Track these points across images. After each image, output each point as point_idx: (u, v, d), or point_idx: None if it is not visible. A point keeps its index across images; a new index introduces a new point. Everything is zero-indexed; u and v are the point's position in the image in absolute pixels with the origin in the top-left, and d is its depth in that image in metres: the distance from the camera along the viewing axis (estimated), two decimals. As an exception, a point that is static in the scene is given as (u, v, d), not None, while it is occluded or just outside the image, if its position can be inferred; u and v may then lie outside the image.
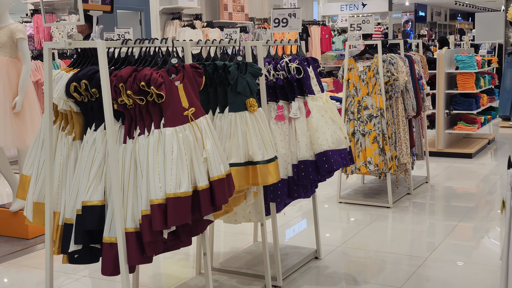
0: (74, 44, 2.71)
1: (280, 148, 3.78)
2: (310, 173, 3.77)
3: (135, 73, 2.72)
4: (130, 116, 2.79)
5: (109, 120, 2.68)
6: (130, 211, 2.72)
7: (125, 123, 2.80)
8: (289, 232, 5.11)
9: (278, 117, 3.82)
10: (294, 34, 13.74)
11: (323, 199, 6.17)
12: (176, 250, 3.04)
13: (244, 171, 3.28)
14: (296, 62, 3.80)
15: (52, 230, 2.90)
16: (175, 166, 2.69)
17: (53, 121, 2.96)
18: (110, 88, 2.67)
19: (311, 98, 3.86)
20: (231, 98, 3.27)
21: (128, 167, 2.74)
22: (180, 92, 2.84)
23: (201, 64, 3.25)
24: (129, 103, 2.72)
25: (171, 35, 10.42)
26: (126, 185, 2.74)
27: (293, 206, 5.81)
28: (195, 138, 2.83)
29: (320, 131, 3.79)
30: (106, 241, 2.74)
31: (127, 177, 2.74)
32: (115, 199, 2.69)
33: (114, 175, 2.69)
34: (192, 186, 2.80)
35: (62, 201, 2.88)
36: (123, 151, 2.76)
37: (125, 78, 2.69)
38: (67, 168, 2.90)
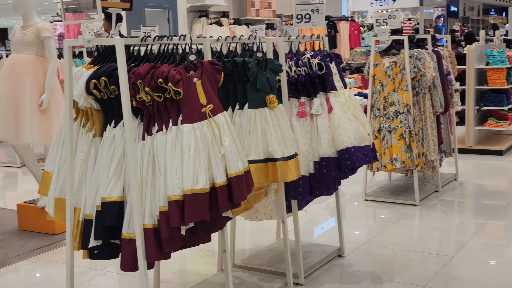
0: (93, 41, 2.72)
1: (301, 145, 3.75)
2: (332, 170, 3.74)
3: (153, 70, 2.72)
4: (148, 113, 2.79)
5: (127, 117, 2.69)
6: (148, 208, 2.73)
7: (143, 120, 2.81)
8: (314, 230, 5.08)
9: (299, 114, 3.80)
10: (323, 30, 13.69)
11: (349, 196, 6.12)
12: (201, 246, 3.04)
13: (263, 168, 3.27)
14: (318, 58, 3.77)
15: (73, 226, 2.92)
16: (192, 162, 2.69)
17: (74, 118, 2.99)
18: (128, 85, 2.68)
19: (333, 94, 3.82)
20: (251, 94, 3.26)
21: (147, 163, 2.75)
22: (198, 88, 2.84)
23: (221, 60, 3.25)
24: (147, 100, 2.72)
25: (198, 33, 10.46)
26: (144, 181, 2.75)
27: (319, 203, 5.78)
28: (213, 134, 2.83)
29: (342, 127, 3.76)
30: (125, 237, 2.75)
31: (145, 174, 2.75)
32: (133, 195, 2.70)
33: (132, 172, 2.70)
34: (209, 182, 2.79)
35: (83, 197, 2.90)
36: (141, 148, 2.77)
37: (143, 75, 2.69)
38: (87, 164, 2.92)
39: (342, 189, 6.36)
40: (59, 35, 11.28)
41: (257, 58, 3.36)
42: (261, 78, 3.29)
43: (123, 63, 2.66)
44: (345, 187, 6.46)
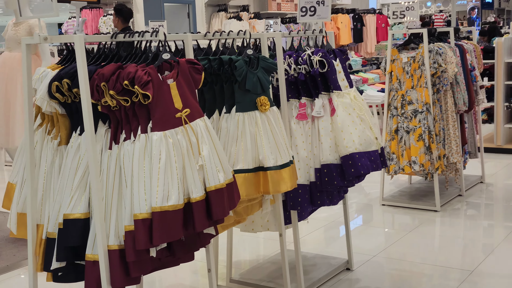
0: (51, 38, 2.42)
1: (301, 150, 3.41)
2: (334, 178, 3.39)
3: (119, 70, 2.41)
4: (115, 119, 2.49)
5: (87, 124, 2.38)
6: (114, 226, 2.42)
7: (111, 126, 2.50)
8: (323, 239, 4.73)
9: (299, 116, 3.45)
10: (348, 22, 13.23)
11: (366, 200, 5.75)
12: (199, 257, 2.73)
13: (253, 178, 2.93)
14: (319, 55, 3.41)
15: (35, 245, 2.63)
16: (162, 175, 2.37)
17: (39, 124, 2.70)
18: (88, 88, 2.37)
19: (336, 94, 3.47)
20: (239, 96, 2.93)
21: (113, 176, 2.44)
22: (172, 91, 2.52)
23: (205, 59, 2.92)
24: (113, 105, 2.41)
25: (216, 28, 10.15)
26: (110, 196, 2.44)
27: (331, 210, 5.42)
28: (189, 143, 2.50)
29: (346, 131, 3.40)
30: (89, 259, 2.45)
31: (111, 188, 2.44)
32: (95, 212, 2.40)
33: (94, 186, 2.40)
34: (185, 197, 2.48)
35: (46, 213, 2.61)
36: (108, 158, 2.46)
37: (108, 76, 2.38)
38: (52, 176, 2.63)
39: (358, 193, 5.99)
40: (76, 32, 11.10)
41: (246, 55, 3.02)
42: (251, 78, 2.96)
43: (83, 63, 2.35)
44: (362, 190, 6.09)
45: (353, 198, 5.82)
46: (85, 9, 10.79)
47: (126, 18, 7.05)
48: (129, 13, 7.11)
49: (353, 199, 5.81)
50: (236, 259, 4.19)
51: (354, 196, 5.89)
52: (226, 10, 10.37)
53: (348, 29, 13.16)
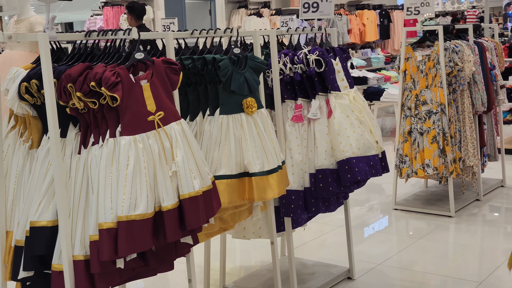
0: (16, 37, 2.31)
1: (296, 154, 3.24)
2: (329, 184, 3.21)
3: (88, 71, 2.28)
4: (85, 122, 2.36)
5: (52, 128, 2.26)
6: (79, 236, 2.29)
7: (81, 130, 2.38)
8: (325, 247, 4.54)
9: (295, 118, 3.28)
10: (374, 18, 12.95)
11: (378, 204, 5.55)
12: None
13: (237, 185, 2.78)
14: (316, 53, 3.24)
15: (5, 253, 2.53)
16: (130, 182, 2.24)
17: (13, 126, 2.59)
18: (53, 89, 2.25)
19: (334, 95, 3.29)
20: (223, 98, 2.77)
21: (80, 182, 2.31)
22: (145, 93, 2.38)
23: (189, 58, 2.77)
24: (80, 107, 2.28)
25: (236, 25, 10.01)
26: (76, 204, 2.31)
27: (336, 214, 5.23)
28: (161, 148, 2.36)
29: (342, 134, 3.22)
30: (55, 269, 2.32)
31: (78, 195, 2.31)
32: (60, 220, 2.28)
33: (59, 192, 2.27)
34: (156, 206, 2.34)
35: (16, 219, 2.50)
36: (76, 163, 2.34)
37: (75, 77, 2.25)
38: (22, 181, 2.51)
39: (372, 196, 5.79)
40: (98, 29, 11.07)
41: (233, 54, 2.86)
42: (237, 78, 2.80)
43: (47, 62, 2.22)
44: (375, 193, 5.89)
45: (366, 202, 5.62)
46: (106, 7, 10.76)
47: (139, 15, 6.95)
48: (141, 10, 7.00)
49: (365, 202, 5.61)
50: (231, 266, 4.05)
51: (367, 200, 5.69)
52: (246, 6, 10.22)
53: (374, 26, 12.89)
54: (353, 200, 5.65)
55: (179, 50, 2.95)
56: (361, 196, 5.75)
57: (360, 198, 5.74)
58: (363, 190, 5.88)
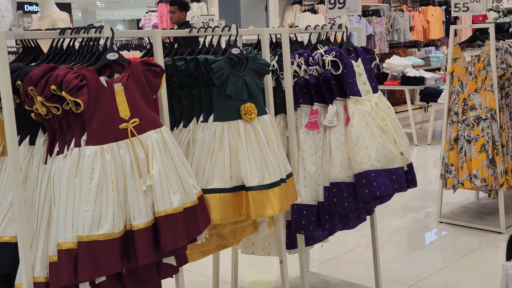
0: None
1: (309, 164, 2.93)
2: (344, 199, 2.88)
3: (51, 73, 2.05)
4: (51, 129, 2.14)
5: (9, 135, 2.05)
6: (41, 255, 2.07)
7: (48, 137, 2.16)
8: (354, 263, 4.19)
9: (310, 125, 2.97)
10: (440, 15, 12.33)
11: (422, 216, 5.13)
12: (198, 269, 2.35)
13: (231, 200, 2.49)
14: (332, 54, 2.91)
15: (-26, 267, 2.34)
16: (93, 198, 2.00)
17: (-12, 130, 2.40)
18: (10, 93, 2.04)
19: (353, 100, 2.96)
20: (218, 103, 2.50)
21: (44, 196, 2.09)
22: (118, 98, 2.13)
23: (182, 59, 2.51)
24: (43, 113, 2.06)
25: (289, 21, 9.70)
26: (39, 220, 2.10)
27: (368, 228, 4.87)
28: (135, 159, 2.11)
29: (361, 144, 2.88)
30: (18, 290, 2.12)
31: (41, 210, 2.09)
32: (19, 237, 2.06)
33: (17, 206, 2.06)
34: (127, 224, 2.09)
35: (-15, 232, 2.31)
36: (42, 174, 2.12)
37: (36, 80, 2.03)
38: (-7, 191, 2.32)
39: (417, 207, 5.38)
40: (153, 26, 11.02)
41: (232, 55, 2.58)
42: (234, 81, 2.52)
43: (3, 63, 2.01)
44: (420, 204, 5.47)
45: (409, 212, 5.22)
46: (161, 3, 10.69)
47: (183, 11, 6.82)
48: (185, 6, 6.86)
49: (408, 213, 5.21)
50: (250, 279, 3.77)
51: (411, 210, 5.29)
52: (300, 2, 9.89)
53: (439, 22, 12.29)
54: (393, 210, 5.27)
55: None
56: (404, 205, 5.36)
57: (403, 208, 5.35)
58: (408, 199, 5.50)
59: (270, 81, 2.88)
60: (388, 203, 5.39)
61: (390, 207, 5.32)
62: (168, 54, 2.71)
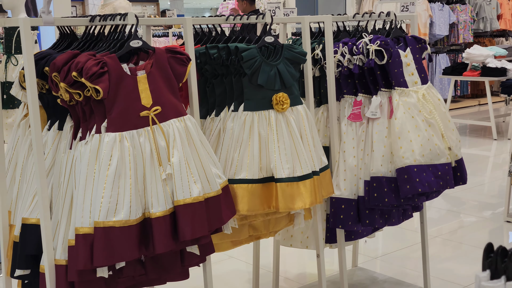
0: (3, 22, 2.17)
1: (350, 157, 2.84)
2: (385, 194, 2.77)
3: (74, 60, 2.08)
4: (76, 115, 2.17)
5: (33, 121, 2.10)
6: (62, 238, 2.11)
7: (73, 123, 2.19)
8: (409, 259, 4.03)
9: (353, 116, 2.87)
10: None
11: (489, 213, 4.89)
12: None
13: (259, 190, 2.45)
14: (376, 43, 2.79)
15: (8, 247, 2.42)
16: (110, 185, 2.01)
17: (25, 114, 2.47)
18: (34, 78, 2.08)
19: (398, 92, 2.83)
20: (249, 92, 2.45)
21: (67, 180, 2.13)
22: (140, 85, 2.13)
23: (215, 47, 2.48)
24: (66, 99, 2.10)
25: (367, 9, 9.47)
26: (61, 204, 2.14)
27: (440, 221, 4.67)
28: (155, 147, 2.11)
29: (404, 138, 2.76)
30: (42, 271, 2.17)
31: (63, 194, 2.13)
32: (41, 221, 2.11)
33: (40, 190, 2.11)
34: (146, 211, 2.10)
35: (18, 213, 2.38)
36: (66, 159, 2.16)
37: (59, 66, 2.07)
38: (26, 173, 2.38)
39: (485, 202, 5.13)
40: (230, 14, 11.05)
41: (263, 43, 2.52)
42: (266, 71, 2.47)
43: (28, 49, 2.05)
44: (494, 201, 5.21)
45: (478, 211, 4.99)
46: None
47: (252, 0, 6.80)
48: None
49: (473, 211, 4.98)
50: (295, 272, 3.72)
51: (481, 208, 5.05)
52: (380, -10, 9.61)
53: None
54: (457, 204, 5.06)
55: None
56: (476, 202, 5.13)
57: (473, 204, 5.12)
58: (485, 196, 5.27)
59: (310, 70, 2.81)
60: (457, 199, 5.18)
61: (458, 203, 5.11)
62: (206, 42, 2.69)
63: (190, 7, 28.89)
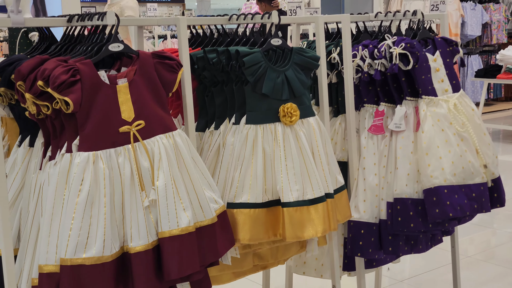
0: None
1: (370, 175, 2.49)
2: (410, 219, 2.42)
3: (41, 66, 1.77)
4: (46, 130, 1.86)
5: (-7, 138, 1.79)
6: (27, 276, 1.81)
7: (44, 140, 1.89)
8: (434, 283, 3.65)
9: (374, 128, 2.53)
10: None
11: (527, 231, 4.48)
12: None
13: (263, 217, 2.11)
14: (401, 46, 2.44)
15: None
16: (80, 214, 1.70)
17: (-2, 127, 2.18)
18: (-7, 89, 1.78)
19: (426, 101, 2.48)
20: (252, 102, 2.12)
21: (34, 206, 1.83)
22: (121, 96, 1.81)
23: (214, 50, 2.16)
24: (33, 112, 1.79)
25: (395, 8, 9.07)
26: (27, 234, 1.83)
27: (475, 240, 4.28)
28: (136, 169, 1.79)
29: (433, 154, 2.40)
30: (6, 312, 1.88)
31: (30, 223, 1.83)
32: (3, 255, 1.81)
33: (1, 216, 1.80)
34: (125, 245, 1.78)
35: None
36: (35, 181, 1.85)
37: (25, 74, 1.76)
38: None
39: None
40: (254, 14, 10.75)
41: (271, 47, 2.19)
42: (272, 78, 2.13)
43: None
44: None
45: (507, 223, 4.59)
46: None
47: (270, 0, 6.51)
48: None
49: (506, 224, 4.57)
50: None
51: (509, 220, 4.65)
52: (408, -12, 9.21)
53: None
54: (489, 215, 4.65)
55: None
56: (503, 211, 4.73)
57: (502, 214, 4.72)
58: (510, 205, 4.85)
59: (325, 76, 2.47)
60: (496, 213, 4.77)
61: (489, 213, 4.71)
62: (206, 45, 2.38)
63: (217, 7, 28.67)
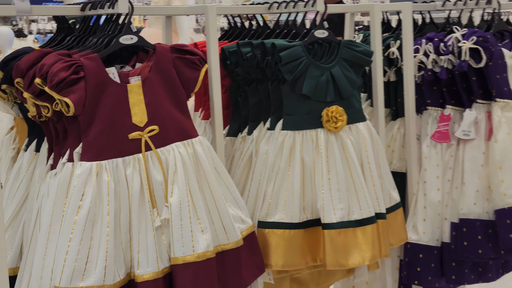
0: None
1: (433, 190, 2.15)
2: (479, 244, 2.07)
3: (41, 61, 1.53)
4: (49, 135, 1.63)
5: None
6: (25, 298, 1.59)
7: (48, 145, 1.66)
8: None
9: (438, 136, 2.18)
10: None
11: None
12: None
13: (300, 239, 1.81)
14: (471, 40, 2.08)
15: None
16: (78, 235, 1.45)
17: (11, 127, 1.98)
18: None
19: (501, 105, 2.11)
20: (290, 105, 1.82)
21: (34, 220, 1.60)
22: (132, 96, 1.56)
23: (248, 44, 1.87)
24: (33, 113, 1.56)
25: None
26: (26, 250, 1.61)
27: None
28: (147, 183, 1.53)
29: (507, 168, 2.04)
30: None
31: (29, 239, 1.60)
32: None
33: None
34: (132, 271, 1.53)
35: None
36: (38, 191, 1.62)
37: (24, 69, 1.53)
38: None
39: None
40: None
41: (314, 40, 1.88)
42: (314, 76, 1.82)
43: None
44: None
45: None
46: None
47: None
48: None
49: None
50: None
51: None
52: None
53: None
54: None
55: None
56: None
57: None
58: None
59: (380, 73, 2.14)
60: None
61: None
62: (244, 37, 2.10)
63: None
